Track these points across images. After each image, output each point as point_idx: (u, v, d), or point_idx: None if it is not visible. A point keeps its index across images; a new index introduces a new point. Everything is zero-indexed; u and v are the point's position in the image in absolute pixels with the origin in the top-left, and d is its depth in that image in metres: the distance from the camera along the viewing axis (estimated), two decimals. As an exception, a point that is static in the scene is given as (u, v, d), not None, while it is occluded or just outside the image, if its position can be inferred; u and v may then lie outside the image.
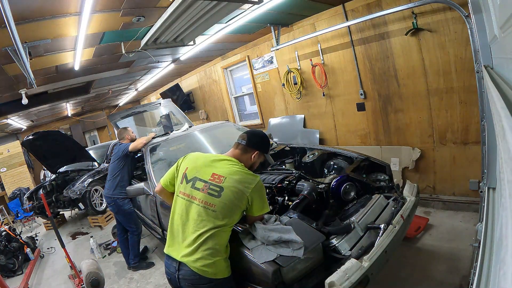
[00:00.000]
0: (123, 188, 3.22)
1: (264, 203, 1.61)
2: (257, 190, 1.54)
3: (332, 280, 1.48)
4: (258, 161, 1.71)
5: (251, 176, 1.56)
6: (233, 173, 1.53)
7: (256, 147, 1.67)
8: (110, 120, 4.47)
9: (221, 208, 1.48)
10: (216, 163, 1.59)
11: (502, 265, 0.40)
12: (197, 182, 1.55)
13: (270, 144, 1.72)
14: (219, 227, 1.47)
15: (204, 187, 1.52)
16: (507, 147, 0.48)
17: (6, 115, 5.94)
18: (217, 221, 1.46)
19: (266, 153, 1.74)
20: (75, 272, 3.29)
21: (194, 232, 1.46)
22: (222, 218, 1.47)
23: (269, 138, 1.76)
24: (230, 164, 1.59)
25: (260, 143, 1.70)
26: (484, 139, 1.68)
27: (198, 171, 1.58)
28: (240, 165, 1.60)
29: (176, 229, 1.55)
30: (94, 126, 10.85)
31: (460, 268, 2.32)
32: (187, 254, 1.45)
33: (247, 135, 1.68)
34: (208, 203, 1.49)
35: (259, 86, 5.42)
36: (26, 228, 6.42)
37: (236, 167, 1.57)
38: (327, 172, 2.86)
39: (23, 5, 1.97)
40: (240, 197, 1.50)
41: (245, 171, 1.57)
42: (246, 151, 1.66)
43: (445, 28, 2.85)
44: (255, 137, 1.69)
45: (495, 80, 1.00)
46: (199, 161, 1.64)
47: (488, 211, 1.32)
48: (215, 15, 2.78)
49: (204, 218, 1.47)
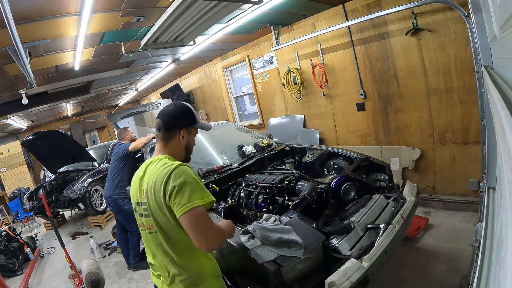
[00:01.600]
0: (123, 188, 3.22)
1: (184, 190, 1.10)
2: (170, 179, 1.12)
3: (332, 280, 1.48)
4: (192, 139, 1.37)
5: (166, 167, 1.16)
6: (150, 177, 1.20)
7: (176, 126, 1.30)
8: (110, 120, 4.48)
9: (157, 226, 1.19)
10: (144, 175, 1.26)
11: (502, 265, 0.40)
12: (137, 208, 1.28)
13: (191, 112, 1.33)
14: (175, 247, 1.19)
15: (142, 211, 1.24)
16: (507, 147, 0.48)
17: (6, 115, 5.93)
18: (167, 241, 1.18)
19: (193, 123, 1.33)
20: (75, 272, 3.29)
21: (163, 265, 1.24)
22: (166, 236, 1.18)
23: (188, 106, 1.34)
24: (152, 168, 1.23)
25: (178, 118, 1.31)
26: (484, 139, 1.68)
27: (135, 194, 1.29)
28: (163, 160, 1.23)
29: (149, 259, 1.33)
30: (94, 126, 10.85)
31: (460, 268, 2.31)
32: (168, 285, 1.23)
33: (159, 119, 1.31)
34: (150, 226, 1.22)
35: (259, 86, 5.42)
36: (26, 228, 6.42)
37: (155, 167, 1.21)
38: (327, 172, 2.86)
39: (23, 5, 1.96)
40: (159, 201, 1.14)
41: (161, 166, 1.19)
42: (169, 138, 1.29)
43: (445, 28, 2.85)
44: (168, 115, 1.30)
45: (495, 80, 1.00)
46: (134, 181, 1.32)
47: (488, 211, 1.32)
48: (215, 15, 2.78)
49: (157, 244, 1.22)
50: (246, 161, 3.04)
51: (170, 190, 1.10)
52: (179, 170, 1.14)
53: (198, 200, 1.10)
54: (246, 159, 3.10)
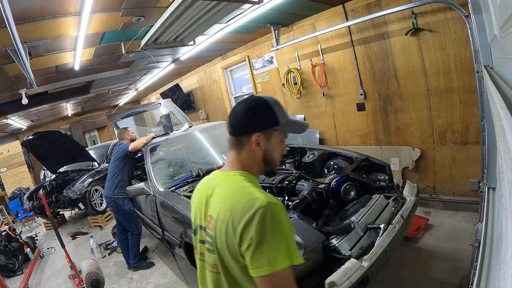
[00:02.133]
0: (123, 188, 3.22)
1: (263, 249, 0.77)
2: (251, 228, 0.77)
3: (332, 280, 1.48)
4: (276, 146, 0.97)
5: (248, 200, 0.82)
6: (222, 205, 0.88)
7: (245, 129, 0.94)
8: (110, 120, 4.47)
9: (223, 268, 0.88)
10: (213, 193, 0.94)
11: (502, 265, 0.40)
12: (200, 232, 0.99)
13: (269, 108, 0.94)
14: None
15: (206, 242, 0.94)
16: (507, 147, 0.48)
17: (6, 115, 5.94)
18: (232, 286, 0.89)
19: (274, 124, 0.94)
20: (75, 272, 3.29)
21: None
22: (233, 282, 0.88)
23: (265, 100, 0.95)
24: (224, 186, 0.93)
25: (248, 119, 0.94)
26: (484, 139, 1.68)
27: (198, 213, 1.00)
28: (239, 180, 0.91)
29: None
30: (94, 126, 10.85)
31: (460, 268, 2.31)
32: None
33: (228, 119, 0.98)
34: (212, 265, 0.92)
35: (259, 86, 5.42)
36: (26, 228, 6.42)
37: (232, 186, 0.91)
38: (327, 172, 2.86)
39: (23, 5, 1.96)
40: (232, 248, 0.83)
41: (239, 193, 0.87)
42: (240, 145, 0.95)
43: (445, 28, 2.85)
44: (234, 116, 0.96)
45: (495, 80, 1.00)
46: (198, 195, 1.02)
47: (488, 211, 1.32)
48: (215, 15, 2.78)
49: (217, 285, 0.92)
50: (246, 161, 3.04)
51: (249, 241, 0.78)
52: (268, 214, 0.78)
53: (284, 262, 0.76)
54: (246, 159, 3.10)
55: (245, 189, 0.87)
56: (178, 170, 3.12)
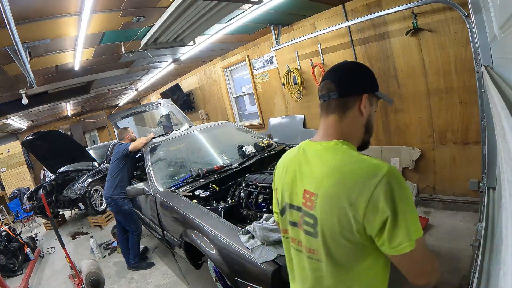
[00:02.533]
0: (123, 188, 3.22)
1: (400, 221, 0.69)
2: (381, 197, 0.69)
3: (332, 280, 1.48)
4: (374, 114, 0.90)
5: (364, 167, 0.74)
6: (327, 176, 0.78)
7: (356, 88, 0.85)
8: (110, 120, 4.47)
9: (323, 255, 0.80)
10: (306, 168, 0.85)
11: (502, 265, 0.40)
12: (291, 212, 0.89)
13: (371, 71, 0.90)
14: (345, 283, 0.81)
15: (300, 220, 0.85)
16: (507, 147, 0.48)
17: (6, 115, 5.94)
18: (337, 275, 0.80)
19: (376, 88, 0.90)
20: (75, 272, 3.29)
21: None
22: (339, 269, 0.80)
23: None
24: (325, 158, 0.81)
25: (359, 77, 0.88)
26: (484, 139, 1.68)
27: (285, 192, 0.90)
28: (342, 148, 0.81)
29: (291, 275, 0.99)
30: (94, 126, 10.85)
31: (460, 268, 2.32)
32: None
33: (328, 79, 0.86)
34: (311, 250, 0.83)
35: (259, 86, 5.42)
36: (26, 228, 6.42)
37: (335, 158, 0.80)
38: (327, 172, 2.85)
39: (23, 5, 1.96)
40: (347, 226, 0.74)
41: (348, 161, 0.77)
42: (345, 107, 0.84)
43: (445, 28, 2.85)
44: (343, 72, 0.88)
45: (495, 80, 1.00)
46: (285, 171, 0.92)
47: (488, 211, 1.32)
48: (215, 15, 2.78)
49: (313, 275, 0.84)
50: (246, 161, 3.05)
51: (380, 214, 0.69)
52: (394, 181, 0.70)
53: (420, 232, 0.70)
54: (246, 159, 3.10)
55: (357, 158, 0.77)
56: (178, 170, 3.12)
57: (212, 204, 2.49)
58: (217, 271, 2.15)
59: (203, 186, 2.68)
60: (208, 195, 2.54)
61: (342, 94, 0.84)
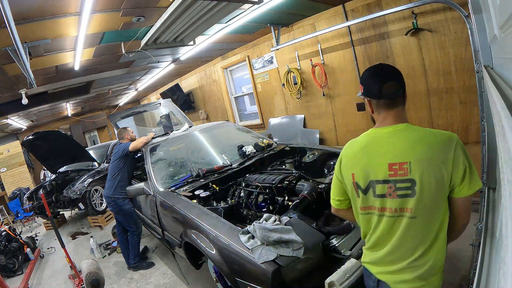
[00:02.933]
0: (123, 188, 3.22)
1: (473, 169, 1.01)
2: (458, 155, 0.98)
3: (332, 280, 1.48)
4: None
5: (439, 137, 1.02)
6: (414, 147, 1.02)
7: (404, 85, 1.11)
8: (110, 120, 4.47)
9: (420, 210, 1.02)
10: (384, 146, 1.07)
11: (502, 265, 0.40)
12: (376, 187, 1.08)
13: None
14: (424, 239, 1.05)
15: (389, 190, 1.05)
16: (507, 147, 0.48)
17: (6, 115, 5.94)
18: (419, 232, 1.04)
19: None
20: (75, 272, 3.29)
21: (397, 250, 1.09)
22: (426, 223, 1.04)
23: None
24: (403, 136, 1.06)
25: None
26: (484, 139, 1.68)
27: (369, 172, 1.09)
28: (413, 127, 1.07)
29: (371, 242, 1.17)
30: (94, 126, 10.85)
31: (460, 268, 2.31)
32: (390, 272, 1.11)
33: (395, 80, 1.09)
34: (403, 209, 1.04)
35: (259, 86, 5.42)
36: (26, 228, 6.42)
37: (412, 134, 1.05)
38: (327, 172, 2.86)
39: (23, 5, 1.96)
40: (440, 179, 0.99)
41: (425, 132, 1.05)
42: (403, 102, 1.11)
43: (445, 28, 2.85)
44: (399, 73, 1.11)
45: (495, 80, 1.00)
46: (362, 157, 1.12)
47: (488, 211, 1.32)
48: (215, 15, 2.79)
49: (403, 231, 1.06)
50: (246, 161, 3.05)
51: (462, 166, 0.98)
52: (461, 142, 1.01)
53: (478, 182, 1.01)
54: (246, 159, 3.10)
55: (430, 131, 1.05)
56: (178, 170, 3.12)
57: (212, 204, 2.49)
58: (217, 271, 2.15)
59: (203, 186, 2.68)
60: (208, 195, 2.54)
61: (404, 92, 1.10)
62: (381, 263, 1.14)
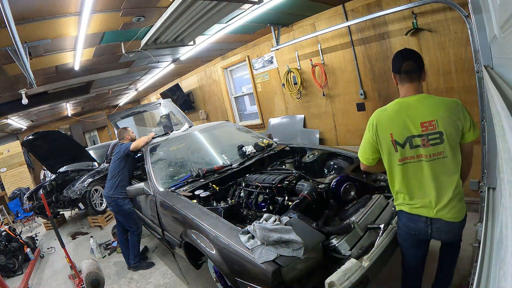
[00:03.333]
0: (123, 188, 3.22)
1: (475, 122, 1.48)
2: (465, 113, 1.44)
3: (332, 280, 1.48)
4: None
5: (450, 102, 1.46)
6: (436, 109, 1.44)
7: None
8: (110, 120, 4.47)
9: (449, 151, 1.44)
10: (416, 111, 1.46)
11: (502, 265, 0.40)
12: (413, 140, 1.45)
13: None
14: (455, 170, 1.47)
15: (424, 141, 1.44)
16: (507, 147, 0.48)
17: (6, 115, 5.94)
18: (451, 165, 1.46)
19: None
20: (75, 272, 3.29)
21: (437, 189, 1.46)
22: (454, 159, 1.45)
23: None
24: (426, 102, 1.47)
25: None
26: (484, 139, 1.68)
27: (405, 130, 1.46)
28: (430, 96, 1.48)
29: (408, 192, 1.53)
30: (94, 126, 10.85)
31: (460, 268, 2.30)
32: (441, 209, 1.47)
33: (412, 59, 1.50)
34: (438, 154, 1.44)
35: (259, 86, 5.42)
36: (26, 228, 6.42)
37: (432, 101, 1.47)
38: (327, 172, 2.86)
39: (23, 5, 1.96)
40: (457, 129, 1.45)
41: (440, 99, 1.47)
42: (422, 76, 1.51)
43: (445, 28, 2.85)
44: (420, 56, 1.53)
45: (495, 80, 1.00)
46: (398, 119, 1.49)
47: (488, 211, 1.33)
48: (215, 15, 2.79)
49: (439, 170, 1.45)
50: (246, 161, 3.05)
51: (469, 120, 1.44)
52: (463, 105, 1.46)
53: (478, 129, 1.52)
54: (246, 159, 3.10)
55: (443, 98, 1.48)
56: (178, 170, 3.12)
57: (212, 204, 2.49)
58: (217, 271, 2.15)
59: (203, 186, 2.68)
60: (208, 195, 2.54)
61: (422, 69, 1.50)
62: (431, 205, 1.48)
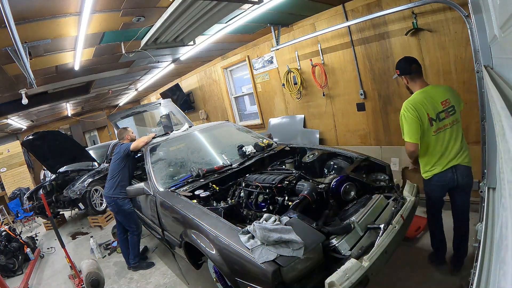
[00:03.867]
0: (123, 188, 3.22)
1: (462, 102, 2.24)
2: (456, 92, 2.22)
3: (332, 280, 1.48)
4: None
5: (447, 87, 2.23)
6: (445, 92, 2.12)
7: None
8: (110, 120, 4.48)
9: (459, 117, 2.12)
10: (435, 95, 2.08)
11: (502, 265, 0.40)
12: (440, 114, 2.07)
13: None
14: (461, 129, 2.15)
15: (446, 114, 2.07)
16: (507, 147, 0.48)
17: (6, 115, 5.94)
18: (460, 126, 2.14)
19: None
20: (75, 272, 3.30)
21: (455, 144, 2.10)
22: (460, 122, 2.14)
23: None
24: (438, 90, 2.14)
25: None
26: (484, 139, 1.68)
27: (434, 109, 2.06)
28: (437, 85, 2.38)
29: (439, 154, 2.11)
30: (94, 126, 10.86)
31: (460, 268, 2.31)
32: (458, 158, 2.12)
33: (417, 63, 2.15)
34: (455, 121, 2.10)
35: (259, 86, 5.42)
36: (26, 228, 6.43)
37: (439, 87, 2.19)
38: (327, 172, 2.86)
39: (23, 5, 1.97)
40: (457, 102, 2.13)
41: (442, 86, 2.29)
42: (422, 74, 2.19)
43: (445, 28, 2.85)
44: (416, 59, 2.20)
45: (495, 80, 1.00)
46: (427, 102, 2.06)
47: (488, 211, 1.32)
48: (215, 15, 2.79)
49: (456, 131, 2.10)
50: (246, 161, 3.05)
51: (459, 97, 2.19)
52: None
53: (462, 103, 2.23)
54: (246, 159, 3.10)
55: (444, 86, 2.29)
56: (178, 170, 3.11)
57: (212, 204, 2.49)
58: (217, 271, 2.15)
59: (203, 186, 2.68)
60: (208, 195, 2.54)
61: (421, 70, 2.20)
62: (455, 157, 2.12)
